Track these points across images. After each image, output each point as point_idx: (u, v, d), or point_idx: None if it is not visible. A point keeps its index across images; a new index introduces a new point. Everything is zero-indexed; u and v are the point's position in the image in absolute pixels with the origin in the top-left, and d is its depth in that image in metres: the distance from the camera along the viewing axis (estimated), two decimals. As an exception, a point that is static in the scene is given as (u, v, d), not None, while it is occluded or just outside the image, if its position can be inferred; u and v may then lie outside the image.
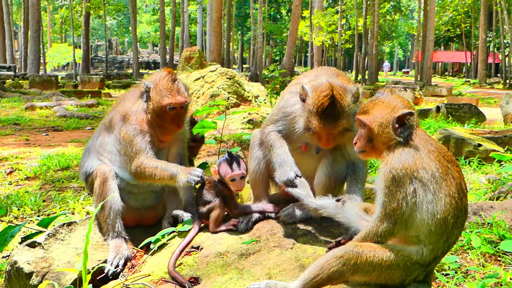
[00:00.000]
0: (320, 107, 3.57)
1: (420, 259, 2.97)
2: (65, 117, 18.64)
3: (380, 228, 2.99)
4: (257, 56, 43.29)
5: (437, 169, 2.92)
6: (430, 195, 2.89)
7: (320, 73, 3.97)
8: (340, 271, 2.93)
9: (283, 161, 3.78)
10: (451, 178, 2.94)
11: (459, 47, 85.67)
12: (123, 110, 4.28)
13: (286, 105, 3.97)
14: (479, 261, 4.79)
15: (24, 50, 50.76)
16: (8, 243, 4.44)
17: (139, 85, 4.46)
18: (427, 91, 33.90)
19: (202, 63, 16.62)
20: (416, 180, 2.90)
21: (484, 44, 52.01)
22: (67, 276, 3.73)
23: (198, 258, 3.58)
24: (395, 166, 2.92)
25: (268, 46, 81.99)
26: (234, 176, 3.79)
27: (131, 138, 4.14)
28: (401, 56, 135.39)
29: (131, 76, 52.06)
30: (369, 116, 3.05)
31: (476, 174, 9.04)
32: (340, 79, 3.82)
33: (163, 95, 4.16)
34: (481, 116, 17.21)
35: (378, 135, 3.03)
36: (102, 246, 4.15)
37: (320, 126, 3.61)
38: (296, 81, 4.12)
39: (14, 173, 9.64)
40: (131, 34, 61.90)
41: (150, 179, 4.12)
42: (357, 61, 57.04)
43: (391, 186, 2.92)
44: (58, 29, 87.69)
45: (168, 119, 4.19)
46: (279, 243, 3.61)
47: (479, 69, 52.92)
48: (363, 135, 3.10)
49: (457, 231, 2.98)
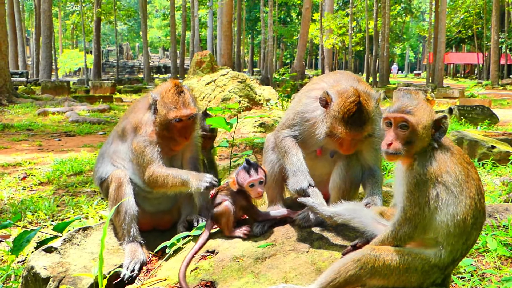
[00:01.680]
0: (346, 113, 3.55)
1: (438, 262, 2.94)
2: (77, 122, 18.75)
3: (400, 232, 2.97)
4: (268, 59, 43.31)
5: (460, 172, 2.90)
6: (453, 198, 2.87)
7: (340, 78, 3.95)
8: (357, 274, 2.92)
9: (297, 169, 3.78)
10: (471, 179, 2.93)
11: (471, 49, 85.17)
12: (134, 121, 4.31)
13: (305, 110, 3.92)
14: (495, 264, 4.76)
15: (36, 56, 51.16)
16: (24, 248, 4.47)
17: (148, 94, 4.45)
18: (439, 93, 33.71)
19: (213, 67, 16.65)
20: (440, 184, 2.88)
21: (496, 45, 51.68)
22: (84, 281, 3.74)
23: (213, 262, 3.58)
24: (420, 171, 2.89)
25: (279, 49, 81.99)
26: (252, 182, 3.76)
27: (142, 149, 4.18)
28: (412, 58, 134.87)
29: (142, 81, 52.31)
30: (415, 117, 2.93)
31: (490, 176, 8.98)
32: (362, 84, 3.81)
33: (169, 108, 4.16)
34: (494, 118, 17.08)
35: (420, 138, 2.93)
36: (118, 251, 4.17)
37: (346, 132, 3.58)
38: (313, 86, 4.07)
39: (27, 178, 9.70)
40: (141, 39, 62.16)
41: (163, 187, 4.16)
42: (368, 63, 56.86)
43: (415, 191, 2.89)
44: (69, 35, 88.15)
45: (175, 132, 4.20)
46: (294, 247, 3.60)
47: (491, 71, 52.53)
48: (402, 137, 2.94)
49: (476, 232, 2.96)
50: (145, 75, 55.23)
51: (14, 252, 4.45)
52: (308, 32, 47.23)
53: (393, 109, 2.97)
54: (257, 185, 3.77)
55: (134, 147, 4.22)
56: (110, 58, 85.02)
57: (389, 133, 2.98)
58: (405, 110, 2.94)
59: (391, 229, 3.02)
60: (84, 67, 52.95)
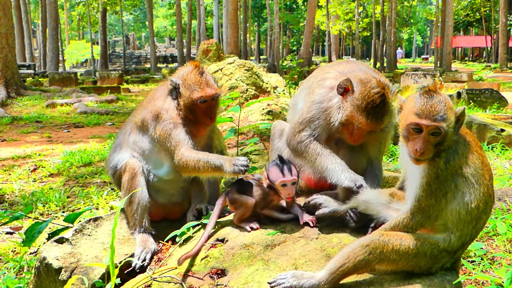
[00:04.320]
0: (370, 103, 3.54)
1: (447, 247, 2.95)
2: (85, 114, 18.82)
3: (412, 221, 2.98)
4: (274, 46, 43.18)
5: (477, 160, 2.90)
6: (470, 187, 2.87)
7: (354, 68, 3.93)
8: (366, 260, 2.92)
9: (343, 167, 3.69)
10: (485, 166, 2.93)
11: (479, 32, 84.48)
12: (154, 110, 4.26)
13: (322, 100, 3.84)
14: (505, 247, 4.76)
15: (42, 48, 51.25)
16: (36, 239, 4.52)
17: (165, 83, 4.45)
18: (447, 77, 33.49)
19: (219, 56, 16.61)
20: (459, 176, 2.88)
21: (505, 27, 51.19)
22: (95, 270, 3.78)
23: (223, 250, 3.60)
24: (442, 166, 2.87)
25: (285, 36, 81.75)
26: (285, 182, 3.62)
27: (168, 132, 4.13)
28: (419, 43, 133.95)
29: (149, 71, 52.32)
30: (447, 122, 2.84)
31: (500, 160, 8.95)
32: (380, 75, 3.80)
33: (193, 89, 4.14)
34: (503, 101, 16.98)
35: (449, 139, 2.88)
36: (129, 240, 4.20)
37: (366, 122, 3.57)
38: (326, 75, 3.98)
39: (38, 170, 9.77)
40: (148, 28, 62.04)
41: (194, 171, 4.08)
42: (375, 48, 56.55)
43: (433, 184, 2.88)
44: (75, 26, 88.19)
45: (200, 113, 4.18)
46: (304, 234, 3.61)
47: (500, 54, 52.09)
48: (433, 142, 2.85)
49: (485, 216, 2.97)
50: (152, 65, 55.21)
51: (26, 244, 4.50)
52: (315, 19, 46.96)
53: (425, 116, 2.82)
54: (289, 186, 3.64)
55: (159, 133, 4.17)
56: (117, 49, 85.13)
57: (418, 139, 2.86)
58: (437, 117, 2.82)
59: (403, 217, 3.02)
60: (91, 58, 53.02)
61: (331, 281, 2.97)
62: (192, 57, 51.96)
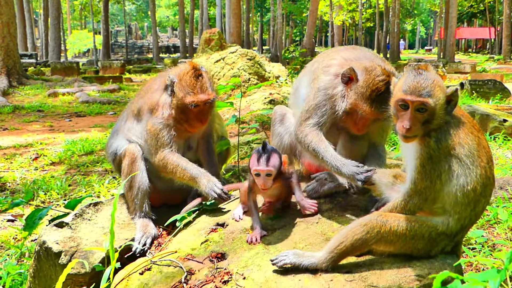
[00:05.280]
0: (375, 91, 3.51)
1: (446, 229, 2.94)
2: (87, 103, 18.83)
3: (409, 203, 2.97)
4: (277, 37, 43.09)
5: (472, 142, 2.87)
6: (464, 169, 2.84)
7: (360, 54, 3.88)
8: (363, 239, 2.92)
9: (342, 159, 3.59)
10: (482, 148, 2.90)
11: (483, 23, 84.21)
12: (150, 102, 4.25)
13: (327, 86, 3.79)
14: (506, 235, 4.76)
15: (44, 37, 51.23)
16: (37, 226, 4.51)
17: (164, 73, 4.42)
18: (450, 68, 33.39)
19: (222, 45, 16.58)
20: (453, 157, 2.85)
21: (509, 19, 50.94)
22: (95, 255, 3.77)
23: (223, 234, 3.60)
24: (434, 146, 2.85)
25: (288, 27, 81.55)
26: (258, 171, 3.43)
27: (156, 131, 4.14)
28: (423, 34, 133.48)
29: (152, 61, 52.33)
30: (434, 98, 2.82)
31: (502, 150, 8.96)
32: (386, 63, 3.77)
33: (186, 92, 4.09)
34: (506, 92, 16.96)
35: (437, 117, 2.85)
36: (129, 225, 4.20)
37: (371, 110, 3.55)
38: (331, 62, 3.91)
39: (39, 158, 9.79)
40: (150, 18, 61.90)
41: (171, 174, 4.15)
42: (378, 39, 56.40)
43: (427, 165, 2.86)
44: (77, 15, 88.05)
45: (192, 116, 4.16)
46: (304, 218, 3.61)
47: (504, 45, 51.87)
48: (420, 119, 2.83)
49: (485, 199, 2.95)
50: (154, 55, 55.17)
51: (27, 229, 4.49)
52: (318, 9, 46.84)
53: (411, 91, 2.83)
54: (262, 176, 3.44)
55: (148, 128, 4.18)
56: (119, 39, 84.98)
57: (406, 116, 2.86)
58: (423, 93, 2.81)
59: (400, 199, 3.01)
60: (93, 48, 52.87)
61: (329, 260, 2.97)
62: (194, 47, 51.81)
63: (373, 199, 3.70)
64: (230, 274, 3.14)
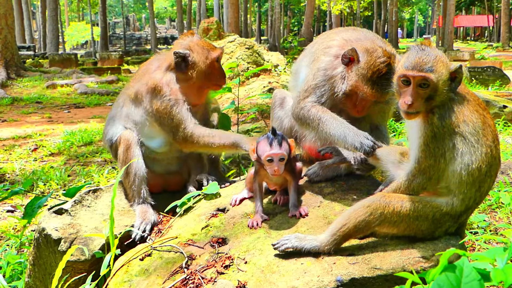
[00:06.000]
0: (376, 73, 3.48)
1: (450, 210, 2.90)
2: (86, 94, 18.81)
3: (413, 182, 2.94)
4: (275, 27, 42.96)
5: (476, 119, 2.84)
6: (469, 147, 2.81)
7: (360, 35, 3.84)
8: (366, 221, 2.89)
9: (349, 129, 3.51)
10: (487, 126, 2.87)
11: (481, 11, 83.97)
12: (151, 83, 4.17)
13: (327, 67, 3.75)
14: (508, 219, 4.75)
15: (42, 29, 51.06)
16: (36, 214, 4.48)
17: (157, 57, 4.42)
18: (449, 56, 33.18)
19: (220, 34, 16.48)
20: (457, 135, 2.82)
21: (507, 6, 50.87)
22: (95, 241, 3.74)
23: (224, 219, 3.57)
24: (438, 124, 2.81)
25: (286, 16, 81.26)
26: (272, 156, 3.30)
27: (168, 109, 4.09)
28: (421, 22, 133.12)
29: (150, 52, 52.09)
30: (436, 73, 2.80)
31: (502, 136, 8.95)
32: (387, 44, 3.72)
33: (209, 51, 4.22)
34: (506, 79, 16.96)
35: (440, 93, 2.82)
36: (128, 212, 4.16)
37: (372, 92, 3.51)
38: (331, 42, 3.87)
39: (38, 149, 9.79)
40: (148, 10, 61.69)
41: (204, 148, 4.13)
42: (376, 28, 56.25)
43: (431, 144, 2.84)
44: (75, 7, 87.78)
45: (216, 74, 4.25)
46: (306, 202, 3.59)
47: (502, 32, 51.80)
48: (422, 95, 2.81)
49: (490, 179, 2.91)
50: (152, 46, 55.02)
51: (26, 217, 4.47)
52: (316, -2, 46.63)
53: (412, 67, 2.81)
54: (276, 161, 3.31)
55: (156, 108, 4.12)
56: (117, 30, 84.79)
57: (408, 92, 2.84)
58: (425, 68, 2.80)
59: (404, 179, 2.98)
60: (91, 39, 52.78)
61: (332, 243, 2.94)
62: (192, 38, 51.63)
63: (376, 182, 3.67)
64: (231, 259, 3.12)
